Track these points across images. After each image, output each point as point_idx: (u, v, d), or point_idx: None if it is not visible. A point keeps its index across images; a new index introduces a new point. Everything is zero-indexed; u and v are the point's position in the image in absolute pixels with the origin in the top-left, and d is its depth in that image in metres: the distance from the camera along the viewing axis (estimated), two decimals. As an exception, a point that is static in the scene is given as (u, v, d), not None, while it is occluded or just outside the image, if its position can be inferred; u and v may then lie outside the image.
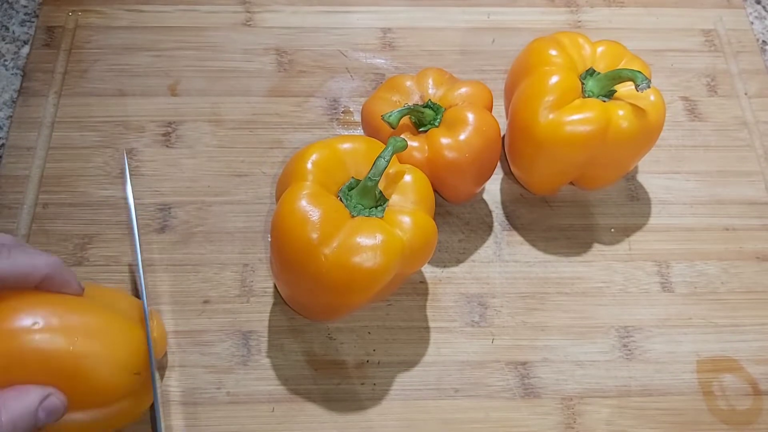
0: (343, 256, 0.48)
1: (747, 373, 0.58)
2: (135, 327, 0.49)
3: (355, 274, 0.48)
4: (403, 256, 0.49)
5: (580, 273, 0.62)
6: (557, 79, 0.56)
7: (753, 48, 0.74)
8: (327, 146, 0.52)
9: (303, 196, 0.49)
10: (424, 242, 0.51)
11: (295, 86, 0.70)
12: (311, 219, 0.48)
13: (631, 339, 0.59)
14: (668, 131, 0.66)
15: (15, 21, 0.73)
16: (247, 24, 0.74)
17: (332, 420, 0.55)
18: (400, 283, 0.56)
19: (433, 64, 0.70)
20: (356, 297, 0.51)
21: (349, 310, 0.55)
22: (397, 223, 0.50)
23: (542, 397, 0.57)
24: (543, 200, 0.65)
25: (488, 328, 0.59)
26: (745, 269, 0.63)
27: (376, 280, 0.49)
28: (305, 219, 0.48)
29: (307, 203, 0.49)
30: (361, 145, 0.53)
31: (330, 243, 0.48)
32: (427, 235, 0.51)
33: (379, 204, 0.52)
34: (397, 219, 0.50)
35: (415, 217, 0.51)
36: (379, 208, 0.51)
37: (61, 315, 0.45)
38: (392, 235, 0.49)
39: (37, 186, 0.63)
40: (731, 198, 0.66)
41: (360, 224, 0.49)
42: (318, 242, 0.48)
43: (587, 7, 0.77)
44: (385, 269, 0.49)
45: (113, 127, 0.66)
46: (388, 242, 0.48)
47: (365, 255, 0.48)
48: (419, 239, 0.50)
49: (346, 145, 0.53)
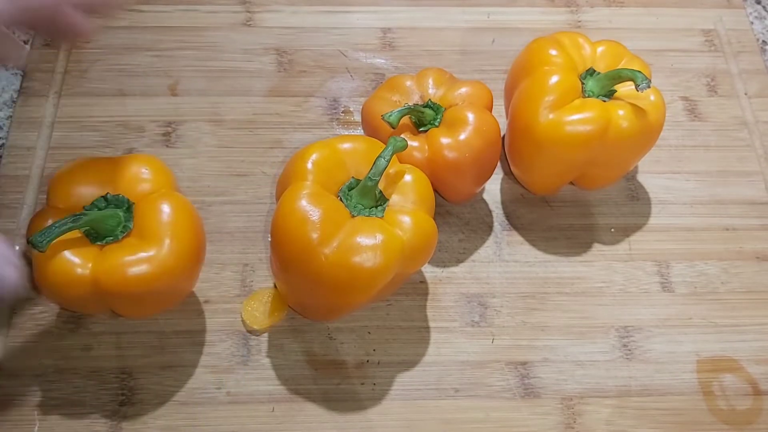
0: (344, 256, 0.48)
1: (747, 373, 0.58)
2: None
3: (355, 273, 0.48)
4: (403, 256, 0.49)
5: (580, 273, 0.62)
6: (557, 79, 0.56)
7: (753, 48, 0.74)
8: (327, 146, 0.52)
9: (303, 195, 0.49)
10: (424, 242, 0.51)
11: (296, 86, 0.70)
12: (311, 219, 0.48)
13: (631, 339, 0.59)
14: (668, 131, 0.66)
15: (15, 21, 0.73)
16: (247, 24, 0.74)
17: (332, 420, 0.55)
18: (400, 283, 0.56)
19: (433, 64, 0.70)
20: (356, 297, 0.51)
21: (349, 310, 0.55)
22: (397, 223, 0.50)
23: (542, 397, 0.57)
24: (543, 200, 0.65)
25: (488, 328, 0.59)
26: (745, 269, 0.63)
27: (376, 279, 0.49)
28: (305, 219, 0.48)
29: (307, 203, 0.49)
30: (362, 145, 0.53)
31: (330, 243, 0.48)
32: (427, 235, 0.51)
33: (380, 204, 0.52)
34: (397, 219, 0.50)
35: (415, 217, 0.51)
36: (380, 208, 0.51)
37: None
38: (392, 234, 0.49)
39: (37, 186, 0.63)
40: (731, 198, 0.66)
41: (360, 224, 0.49)
42: (318, 242, 0.48)
43: (587, 7, 0.77)
44: (385, 269, 0.49)
45: (113, 127, 0.66)
46: (388, 242, 0.49)
47: (365, 255, 0.48)
48: (419, 239, 0.50)
49: (347, 145, 0.53)
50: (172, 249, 0.49)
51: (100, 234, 0.50)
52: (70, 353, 0.56)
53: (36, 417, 0.54)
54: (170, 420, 0.54)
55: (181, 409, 0.55)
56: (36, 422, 0.54)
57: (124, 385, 0.55)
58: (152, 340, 0.57)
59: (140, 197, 0.51)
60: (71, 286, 0.48)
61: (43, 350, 0.56)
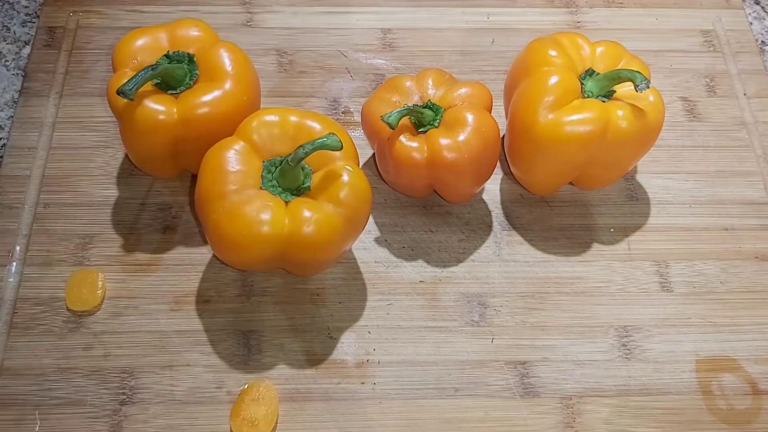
0: (230, 214, 0.51)
1: (746, 373, 0.58)
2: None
3: (235, 233, 0.51)
4: (286, 243, 0.51)
5: (579, 273, 0.62)
6: (557, 80, 0.56)
7: (752, 48, 0.75)
8: (279, 113, 0.54)
9: (232, 147, 0.52)
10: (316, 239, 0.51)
11: (296, 86, 0.70)
12: (226, 169, 0.51)
13: (631, 338, 0.59)
14: (667, 131, 0.66)
15: (16, 21, 0.74)
16: (248, 24, 0.74)
17: (332, 419, 0.55)
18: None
19: (433, 64, 0.70)
20: (238, 255, 0.53)
21: (241, 266, 0.57)
22: (299, 213, 0.51)
23: (542, 397, 0.57)
24: (543, 200, 0.65)
25: (488, 327, 0.59)
26: (743, 269, 0.63)
27: (252, 247, 0.51)
28: (222, 168, 0.51)
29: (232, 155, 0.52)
30: (315, 125, 0.54)
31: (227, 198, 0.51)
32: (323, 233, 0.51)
33: (298, 191, 0.53)
34: (300, 209, 0.51)
35: (319, 213, 0.51)
36: (290, 193, 0.53)
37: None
38: (280, 215, 0.51)
39: (38, 186, 0.64)
40: (730, 198, 0.66)
41: (260, 196, 0.51)
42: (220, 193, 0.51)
43: (587, 7, 0.77)
44: (260, 240, 0.50)
45: (114, 127, 0.67)
46: (274, 220, 0.50)
47: (245, 220, 0.50)
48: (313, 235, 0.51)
49: (293, 118, 0.54)
50: (239, 81, 0.56)
51: (171, 85, 0.56)
52: (71, 353, 0.57)
53: (37, 416, 0.54)
54: (170, 419, 0.54)
55: (181, 408, 0.55)
56: (37, 422, 0.54)
57: (124, 385, 0.56)
58: (152, 339, 0.57)
59: (196, 50, 0.58)
60: (158, 131, 0.55)
61: (44, 350, 0.57)
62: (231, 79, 0.56)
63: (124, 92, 0.52)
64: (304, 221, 0.51)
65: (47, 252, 0.61)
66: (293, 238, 0.51)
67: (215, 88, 0.56)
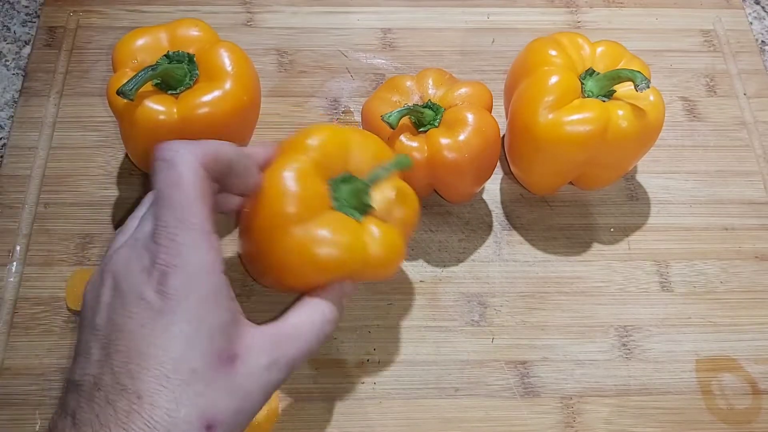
0: (306, 241, 0.47)
1: (746, 373, 0.58)
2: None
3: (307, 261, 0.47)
4: (363, 263, 0.48)
5: (579, 272, 0.62)
6: (557, 79, 0.56)
7: (752, 48, 0.75)
8: (335, 130, 0.51)
9: (293, 168, 0.48)
10: (387, 258, 0.50)
11: (296, 86, 0.70)
12: (291, 192, 0.47)
13: (631, 338, 0.59)
14: (667, 131, 0.66)
15: (16, 21, 0.74)
16: (248, 24, 0.74)
17: (332, 419, 0.55)
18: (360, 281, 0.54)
19: (433, 64, 0.70)
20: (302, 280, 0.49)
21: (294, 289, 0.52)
22: (369, 232, 0.49)
23: (542, 396, 0.57)
24: (543, 200, 0.65)
25: (488, 327, 0.59)
26: (744, 269, 0.63)
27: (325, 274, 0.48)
28: (286, 191, 0.47)
29: (293, 176, 0.47)
30: (370, 144, 0.52)
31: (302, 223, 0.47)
32: (392, 252, 0.50)
33: (364, 208, 0.50)
34: (370, 227, 0.49)
35: (387, 232, 0.50)
36: (361, 212, 0.50)
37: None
38: (359, 240, 0.48)
39: (38, 185, 0.64)
40: (730, 198, 0.66)
41: (335, 218, 0.48)
42: (291, 218, 0.47)
43: (587, 7, 0.77)
44: (336, 267, 0.48)
45: (114, 127, 0.67)
46: (351, 245, 0.48)
47: (325, 249, 0.47)
48: (384, 254, 0.49)
49: (356, 137, 0.51)
50: (239, 81, 0.56)
51: (171, 85, 0.56)
52: (71, 352, 0.56)
53: (37, 416, 0.54)
54: (171, 419, 0.54)
55: (181, 408, 0.55)
56: (37, 422, 0.54)
57: (125, 385, 0.55)
58: (153, 339, 0.57)
59: (196, 50, 0.57)
60: (158, 131, 0.54)
61: (44, 350, 0.57)
62: (231, 79, 0.56)
63: (124, 92, 0.52)
64: (380, 242, 0.49)
65: (47, 252, 0.61)
66: (370, 260, 0.49)
67: (215, 88, 0.56)
